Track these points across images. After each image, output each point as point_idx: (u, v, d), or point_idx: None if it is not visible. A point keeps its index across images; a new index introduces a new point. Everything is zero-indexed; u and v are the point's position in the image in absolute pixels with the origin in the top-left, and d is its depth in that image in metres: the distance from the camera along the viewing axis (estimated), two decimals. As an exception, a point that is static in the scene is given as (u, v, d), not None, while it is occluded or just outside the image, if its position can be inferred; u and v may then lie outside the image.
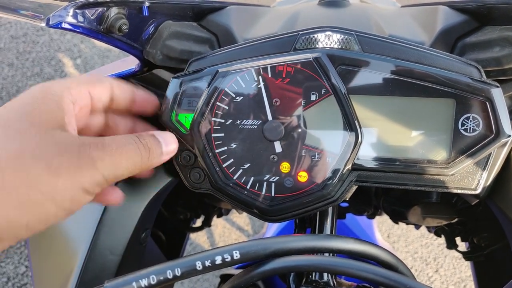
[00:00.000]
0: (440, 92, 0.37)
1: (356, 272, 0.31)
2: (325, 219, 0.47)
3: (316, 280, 0.43)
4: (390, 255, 0.35)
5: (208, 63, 0.42)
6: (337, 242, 0.33)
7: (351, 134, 0.38)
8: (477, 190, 0.39)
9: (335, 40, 0.39)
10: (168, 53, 0.46)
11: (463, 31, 0.44)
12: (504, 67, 0.41)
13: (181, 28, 0.47)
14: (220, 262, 0.31)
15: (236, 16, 0.48)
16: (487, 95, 0.36)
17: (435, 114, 0.38)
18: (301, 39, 0.39)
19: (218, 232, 1.97)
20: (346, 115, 0.38)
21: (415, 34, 0.45)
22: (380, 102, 0.39)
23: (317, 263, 0.32)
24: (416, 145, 0.39)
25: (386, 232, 2.01)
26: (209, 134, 0.40)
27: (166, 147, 0.37)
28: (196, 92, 0.41)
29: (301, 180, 0.40)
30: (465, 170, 0.39)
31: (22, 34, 2.56)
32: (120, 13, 0.39)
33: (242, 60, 0.40)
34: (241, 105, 0.40)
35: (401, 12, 0.50)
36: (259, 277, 0.33)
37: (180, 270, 0.30)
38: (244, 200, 0.41)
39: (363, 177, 0.40)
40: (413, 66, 0.37)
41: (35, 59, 2.48)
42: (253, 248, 0.31)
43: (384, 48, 0.39)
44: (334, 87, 0.38)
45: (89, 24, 0.38)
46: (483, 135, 0.37)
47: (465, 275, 1.87)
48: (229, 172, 0.41)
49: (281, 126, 0.39)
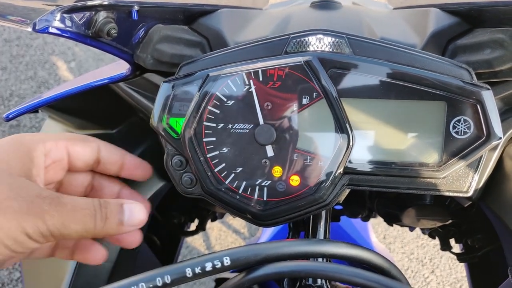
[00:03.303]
0: (431, 94, 0.37)
1: (348, 278, 0.31)
2: (319, 223, 0.47)
3: (310, 284, 0.43)
4: (383, 260, 0.34)
5: (199, 67, 0.41)
6: (329, 246, 0.33)
7: (343, 138, 0.38)
8: (469, 192, 0.39)
9: (326, 43, 0.39)
10: (159, 57, 0.45)
11: (454, 33, 0.44)
12: (495, 69, 0.41)
13: (171, 32, 0.46)
14: (211, 269, 0.30)
15: (228, 19, 0.48)
16: (478, 98, 0.36)
17: (427, 116, 0.38)
18: (292, 42, 0.39)
19: (214, 235, 1.96)
20: (337, 119, 0.38)
21: (406, 36, 0.44)
22: (371, 105, 0.38)
23: (310, 269, 0.32)
24: (407, 148, 0.38)
25: (382, 233, 2.01)
26: (201, 139, 0.40)
27: (129, 220, 0.37)
28: (187, 96, 0.40)
29: (293, 184, 0.39)
30: (457, 173, 0.39)
31: (16, 38, 2.55)
32: (108, 17, 0.39)
33: (233, 64, 0.40)
34: (232, 109, 0.39)
35: (393, 15, 0.50)
36: (252, 282, 0.33)
37: (170, 277, 0.30)
38: (236, 205, 0.41)
39: (355, 181, 0.40)
40: (405, 69, 0.37)
41: (28, 63, 2.46)
42: (243, 254, 0.31)
43: (375, 51, 0.39)
44: (325, 91, 0.38)
45: (77, 28, 0.38)
46: (474, 137, 0.37)
47: (461, 275, 1.87)
48: (221, 177, 0.40)
49: (272, 130, 0.39)
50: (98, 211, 0.35)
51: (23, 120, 2.22)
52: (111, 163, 0.42)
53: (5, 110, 2.28)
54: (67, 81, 0.73)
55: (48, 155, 0.38)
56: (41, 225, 0.32)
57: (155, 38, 0.45)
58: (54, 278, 0.50)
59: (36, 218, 0.32)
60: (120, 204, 0.37)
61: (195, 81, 0.40)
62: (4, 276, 1.77)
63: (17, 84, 2.37)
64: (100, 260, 0.42)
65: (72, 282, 0.49)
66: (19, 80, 2.39)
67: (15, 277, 1.77)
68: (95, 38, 0.40)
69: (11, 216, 0.31)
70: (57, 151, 0.38)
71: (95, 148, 0.41)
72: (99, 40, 0.40)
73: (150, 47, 0.45)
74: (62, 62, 2.49)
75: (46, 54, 2.50)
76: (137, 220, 0.38)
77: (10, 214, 0.31)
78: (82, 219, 0.34)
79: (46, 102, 0.48)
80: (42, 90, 2.37)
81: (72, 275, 0.49)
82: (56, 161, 0.39)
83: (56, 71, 2.46)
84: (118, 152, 0.42)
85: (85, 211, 0.34)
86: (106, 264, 0.51)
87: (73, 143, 0.39)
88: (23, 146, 0.36)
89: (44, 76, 2.42)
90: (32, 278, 0.54)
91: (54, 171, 0.39)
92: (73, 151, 0.39)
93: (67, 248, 0.42)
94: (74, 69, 2.47)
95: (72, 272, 0.48)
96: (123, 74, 0.47)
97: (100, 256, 0.42)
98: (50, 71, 2.44)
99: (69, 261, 0.50)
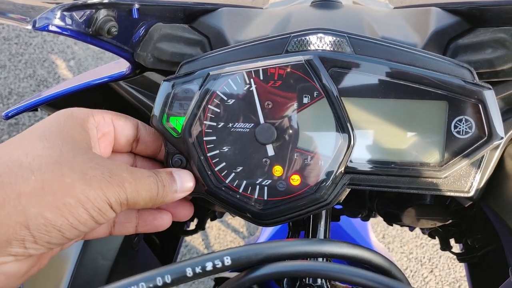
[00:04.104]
0: (432, 94, 0.37)
1: (348, 277, 0.31)
2: (319, 222, 0.46)
3: (310, 284, 0.43)
4: (384, 259, 0.34)
5: (200, 65, 0.41)
6: (329, 246, 0.33)
7: (344, 137, 0.38)
8: (470, 192, 0.39)
9: (327, 42, 0.39)
10: (159, 56, 0.45)
11: (455, 32, 0.44)
12: (497, 69, 0.40)
13: (172, 31, 0.46)
14: (211, 269, 0.30)
15: (228, 18, 0.48)
16: (480, 97, 0.36)
17: (428, 116, 0.38)
18: (293, 41, 0.39)
19: (213, 234, 1.96)
20: (338, 118, 0.38)
21: (407, 36, 0.44)
22: (372, 104, 0.38)
23: (310, 269, 0.32)
24: (409, 147, 0.38)
25: (381, 232, 2.01)
26: (201, 138, 0.40)
27: (181, 186, 0.38)
28: (188, 95, 0.40)
29: (294, 183, 0.39)
30: (458, 173, 0.39)
31: (15, 36, 2.54)
32: (109, 15, 0.39)
33: (234, 63, 0.40)
34: (232, 108, 0.39)
35: (394, 14, 0.50)
36: (252, 282, 0.33)
37: (170, 277, 0.29)
38: (236, 204, 0.40)
39: (356, 180, 0.39)
40: (406, 68, 0.37)
41: (28, 61, 2.46)
42: (244, 253, 0.31)
43: (376, 50, 0.38)
44: (326, 90, 0.38)
45: (77, 26, 0.37)
46: (476, 137, 0.37)
47: (459, 275, 1.88)
48: (221, 176, 0.40)
49: (273, 129, 0.39)
50: (158, 180, 0.36)
51: (22, 119, 2.22)
52: (149, 142, 0.42)
53: (4, 108, 2.28)
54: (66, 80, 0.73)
55: (98, 127, 0.38)
56: (122, 193, 0.33)
57: (156, 37, 0.45)
58: (54, 277, 0.50)
59: (118, 186, 0.32)
60: (170, 172, 0.38)
61: (195, 80, 0.40)
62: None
63: (16, 82, 2.37)
64: (167, 224, 0.42)
65: (71, 281, 0.48)
66: (18, 79, 2.38)
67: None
68: (95, 36, 0.40)
69: (96, 185, 0.31)
70: (105, 123, 0.39)
71: (135, 124, 0.41)
72: (99, 39, 0.40)
73: (151, 46, 0.45)
74: (61, 61, 2.48)
75: (45, 52, 2.49)
76: (187, 186, 0.39)
77: (96, 183, 0.31)
78: (149, 187, 0.35)
79: (45, 101, 0.48)
80: (41, 89, 2.37)
81: (71, 275, 0.49)
82: (105, 134, 0.39)
83: (55, 69, 2.45)
84: (157, 133, 0.42)
85: (150, 178, 0.35)
86: (105, 263, 0.51)
87: (117, 117, 0.40)
88: (78, 119, 0.36)
89: (43, 74, 2.42)
90: (31, 277, 0.54)
91: (104, 145, 0.39)
92: (118, 125, 0.40)
93: (126, 223, 0.42)
94: (73, 68, 2.47)
95: (72, 272, 0.48)
96: (123, 72, 0.47)
97: (166, 220, 0.42)
98: (49, 69, 2.44)
99: (68, 260, 0.49)
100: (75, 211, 0.31)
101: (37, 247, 0.31)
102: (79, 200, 0.31)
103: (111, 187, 0.32)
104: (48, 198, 0.30)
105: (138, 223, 0.42)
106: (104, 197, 0.32)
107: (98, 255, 0.51)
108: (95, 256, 0.51)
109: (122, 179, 0.33)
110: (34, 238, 0.30)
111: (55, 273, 0.50)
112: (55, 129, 0.34)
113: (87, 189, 0.31)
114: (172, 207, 0.43)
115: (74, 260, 0.50)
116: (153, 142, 0.42)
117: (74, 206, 0.31)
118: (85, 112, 0.37)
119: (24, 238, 0.30)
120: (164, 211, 0.43)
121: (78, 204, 0.31)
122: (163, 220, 0.42)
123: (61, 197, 0.30)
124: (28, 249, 0.30)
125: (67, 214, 0.30)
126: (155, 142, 0.42)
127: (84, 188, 0.31)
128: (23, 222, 0.29)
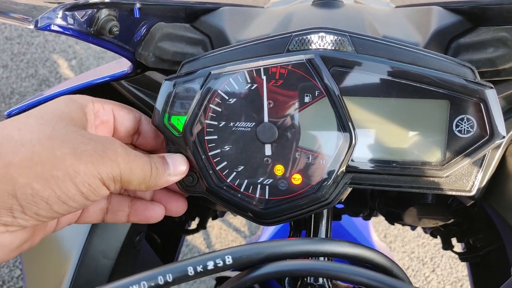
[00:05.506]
0: (434, 93, 0.37)
1: (350, 277, 0.31)
2: (320, 221, 0.46)
3: (312, 283, 0.43)
4: (385, 258, 0.34)
5: (201, 65, 0.41)
6: (331, 245, 0.33)
7: (345, 136, 0.38)
8: (472, 191, 0.39)
9: (328, 41, 0.39)
10: (161, 55, 0.45)
11: (457, 31, 0.44)
12: (498, 68, 0.40)
13: (173, 30, 0.46)
14: (212, 268, 0.30)
15: (229, 17, 0.48)
16: (481, 96, 0.36)
17: (430, 115, 0.38)
18: (294, 40, 0.39)
19: (214, 234, 1.96)
20: (339, 117, 0.38)
21: (409, 35, 0.44)
22: (374, 103, 0.38)
23: (311, 268, 0.32)
24: (410, 146, 0.38)
25: (382, 232, 2.01)
26: (202, 137, 0.40)
27: (174, 169, 0.38)
28: (189, 94, 0.40)
29: (295, 182, 0.39)
30: (460, 172, 0.38)
31: (17, 36, 2.55)
32: (110, 14, 0.39)
33: (235, 62, 0.40)
34: (234, 107, 0.39)
35: (395, 13, 0.50)
36: (253, 281, 0.33)
37: (172, 276, 0.30)
38: (238, 203, 0.40)
39: (357, 179, 0.39)
40: (407, 67, 0.37)
41: (29, 61, 2.46)
42: (245, 252, 0.31)
43: (377, 49, 0.38)
44: (327, 89, 0.38)
45: (79, 26, 0.37)
46: (478, 136, 0.37)
47: (461, 274, 1.87)
48: (223, 175, 0.40)
49: (274, 128, 0.39)
50: (151, 162, 0.36)
51: (24, 118, 2.22)
52: (150, 138, 0.42)
53: (6, 107, 2.29)
54: (68, 79, 0.73)
55: (97, 114, 0.38)
56: (115, 168, 0.32)
57: (157, 36, 0.45)
58: (56, 275, 0.50)
59: (111, 161, 0.32)
60: (163, 156, 0.38)
61: (197, 79, 0.40)
62: (5, 274, 1.77)
63: (18, 82, 2.38)
64: (159, 217, 0.42)
65: (74, 279, 0.49)
66: (20, 78, 2.39)
67: (15, 274, 1.77)
68: (97, 36, 0.40)
69: (87, 159, 0.31)
70: (104, 112, 0.39)
71: (137, 117, 0.41)
72: (101, 38, 0.40)
73: (152, 45, 0.45)
74: (63, 60, 2.49)
75: (47, 52, 2.50)
76: (180, 169, 0.39)
77: (87, 157, 0.31)
78: (143, 166, 0.35)
79: (47, 100, 0.48)
80: (43, 88, 2.37)
81: (73, 273, 0.49)
82: (104, 122, 0.39)
83: (57, 69, 2.46)
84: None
85: (144, 158, 0.35)
86: (107, 262, 0.51)
87: (118, 108, 0.40)
88: (77, 103, 0.36)
89: (45, 74, 2.42)
90: (33, 275, 0.54)
91: (102, 133, 0.39)
92: (118, 116, 0.40)
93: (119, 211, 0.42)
94: (75, 67, 2.47)
95: (74, 270, 0.48)
96: (124, 72, 0.47)
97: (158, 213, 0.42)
98: (51, 69, 2.45)
99: (70, 258, 0.50)
100: (62, 184, 0.30)
101: (25, 217, 0.31)
102: (68, 173, 0.30)
103: (103, 161, 0.32)
104: (36, 169, 0.30)
105: (130, 212, 0.42)
106: (95, 172, 0.31)
107: (100, 254, 0.51)
108: (97, 255, 0.51)
109: (115, 154, 0.33)
110: (22, 208, 0.30)
111: (57, 271, 0.50)
112: (51, 110, 0.34)
113: (76, 163, 0.31)
114: (165, 200, 0.43)
115: (76, 258, 0.50)
116: (154, 138, 0.42)
117: (62, 179, 0.30)
118: (85, 98, 0.38)
119: (12, 207, 0.30)
120: (157, 203, 0.43)
121: (66, 178, 0.30)
122: (155, 212, 0.42)
123: (49, 169, 0.30)
124: (17, 218, 0.31)
125: (55, 186, 0.30)
126: (156, 138, 0.42)
127: (73, 162, 0.31)
128: (10, 191, 0.29)
